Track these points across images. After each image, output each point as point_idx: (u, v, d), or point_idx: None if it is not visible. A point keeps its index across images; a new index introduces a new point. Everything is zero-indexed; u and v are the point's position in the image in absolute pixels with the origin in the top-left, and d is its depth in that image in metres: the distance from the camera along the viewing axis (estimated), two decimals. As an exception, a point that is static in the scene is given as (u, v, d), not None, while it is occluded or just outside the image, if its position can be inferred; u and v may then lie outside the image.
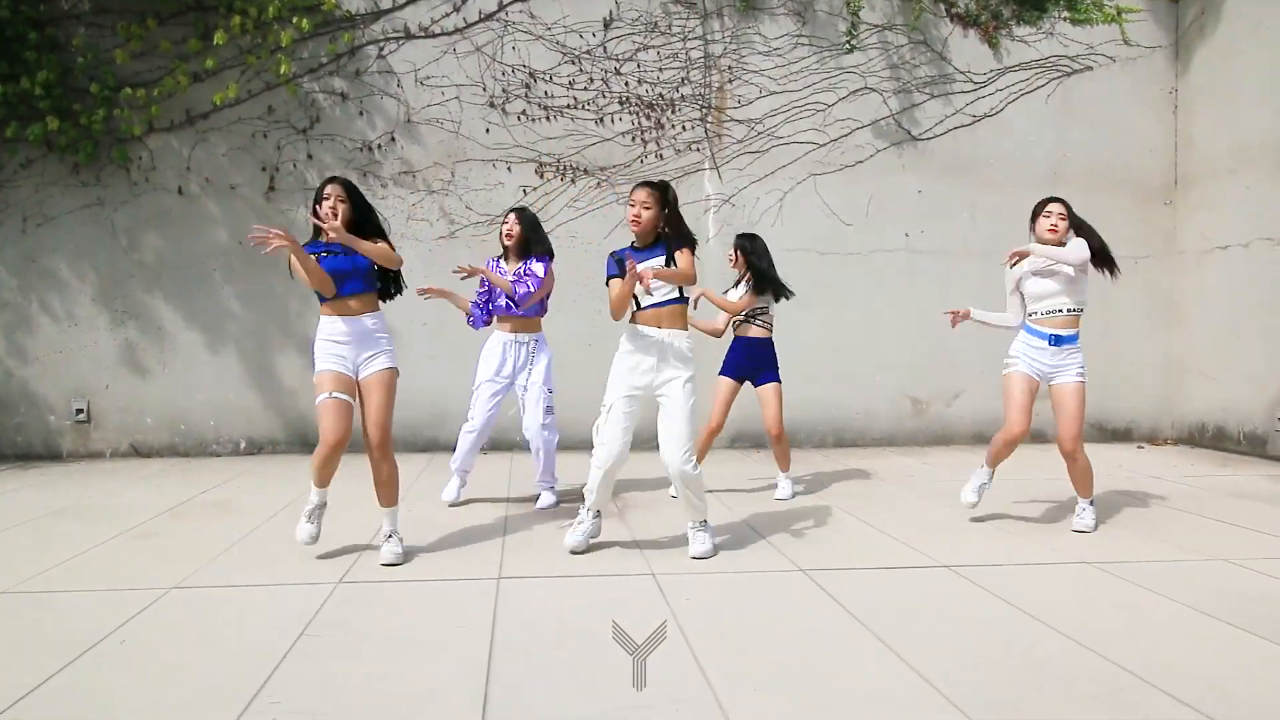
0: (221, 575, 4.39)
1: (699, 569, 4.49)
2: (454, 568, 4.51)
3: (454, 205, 8.48)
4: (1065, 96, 8.99)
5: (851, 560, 4.64)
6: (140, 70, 8.06)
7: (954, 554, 4.73)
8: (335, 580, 4.27)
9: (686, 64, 8.65)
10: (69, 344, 8.24)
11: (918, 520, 5.59)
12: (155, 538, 5.20)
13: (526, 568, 4.50)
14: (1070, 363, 5.31)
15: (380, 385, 4.70)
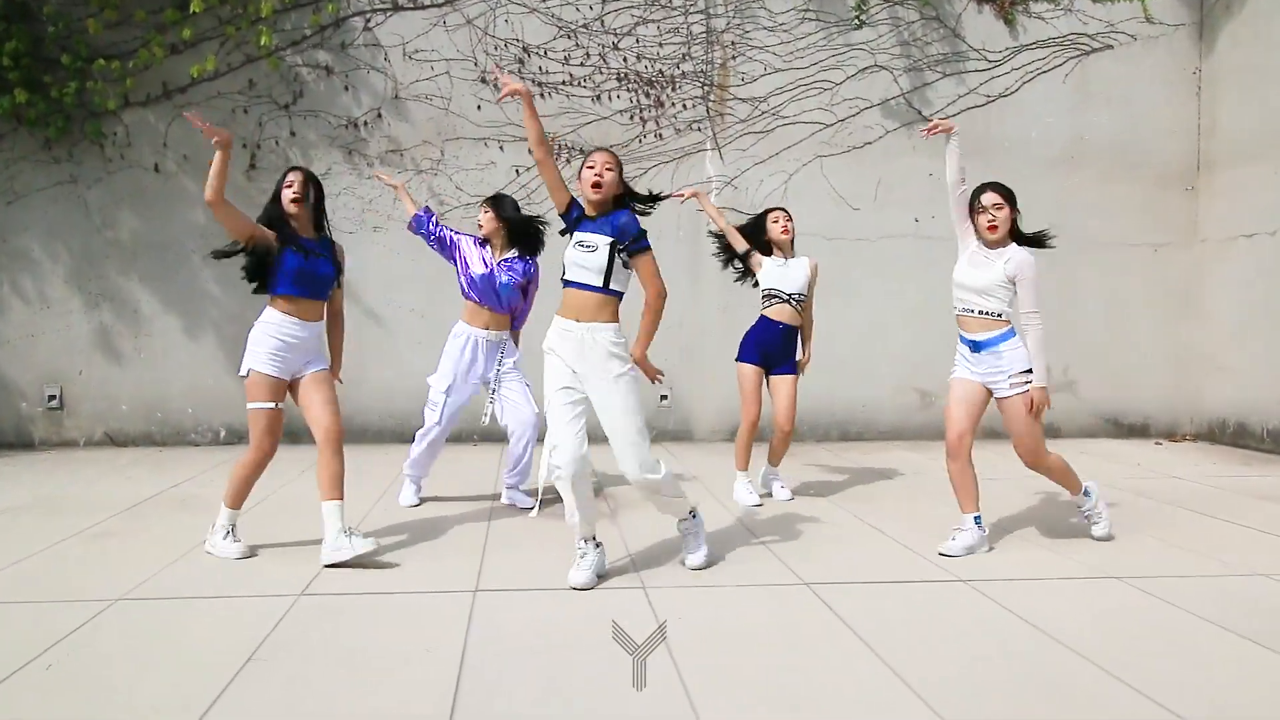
0: (175, 584, 4.05)
1: (693, 581, 4.13)
2: (427, 578, 4.14)
3: (443, 185, 8.12)
4: (1084, 76, 8.59)
5: (859, 573, 4.27)
6: (115, 41, 7.69)
7: (972, 567, 4.36)
8: (296, 592, 3.91)
9: (688, 39, 8.26)
10: (41, 327, 7.90)
11: (931, 527, 5.13)
12: (112, 538, 4.87)
13: (507, 578, 4.15)
14: (997, 372, 4.52)
15: (325, 381, 4.48)
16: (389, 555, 4.47)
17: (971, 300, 4.61)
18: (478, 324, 5.55)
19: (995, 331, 4.54)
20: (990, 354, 4.52)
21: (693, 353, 8.32)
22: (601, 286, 4.01)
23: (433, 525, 5.14)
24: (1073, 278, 8.61)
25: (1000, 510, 5.52)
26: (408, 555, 4.51)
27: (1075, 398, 8.69)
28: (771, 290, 5.81)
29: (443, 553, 4.57)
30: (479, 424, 6.14)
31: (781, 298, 5.77)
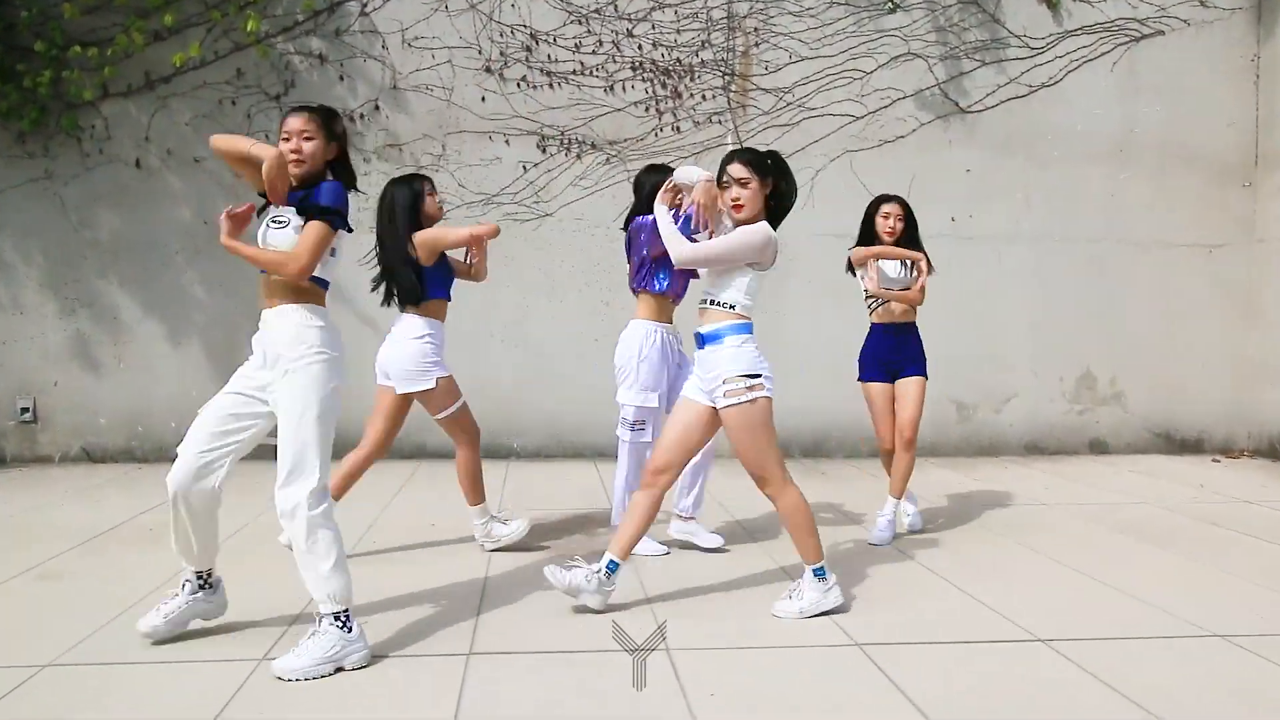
0: (116, 645, 3.42)
1: (726, 643, 3.47)
2: (413, 638, 3.50)
3: (445, 182, 7.54)
4: (1133, 64, 7.99)
5: (918, 630, 3.62)
6: (93, 27, 7.14)
7: (1048, 622, 3.71)
8: (258, 657, 3.28)
9: (707, 25, 7.69)
10: (13, 335, 7.36)
11: (994, 568, 4.52)
12: (60, 580, 4.26)
13: (507, 637, 3.52)
14: (710, 375, 3.81)
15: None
16: (369, 606, 3.78)
17: (705, 287, 3.94)
18: (663, 318, 4.78)
19: (717, 325, 3.80)
20: (712, 348, 3.79)
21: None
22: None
23: (422, 569, 4.44)
24: (1122, 280, 8.02)
25: (1077, 552, 4.86)
26: (392, 607, 3.84)
27: (1123, 410, 8.08)
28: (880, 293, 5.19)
29: (432, 605, 3.90)
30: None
31: (895, 289, 5.16)
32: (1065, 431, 8.04)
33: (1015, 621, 3.75)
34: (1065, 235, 7.91)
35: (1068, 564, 4.61)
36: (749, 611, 3.83)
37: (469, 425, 4.80)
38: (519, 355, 7.53)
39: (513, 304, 7.55)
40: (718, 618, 3.77)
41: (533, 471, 7.06)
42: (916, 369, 5.18)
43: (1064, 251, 7.94)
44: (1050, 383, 8.01)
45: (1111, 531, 5.33)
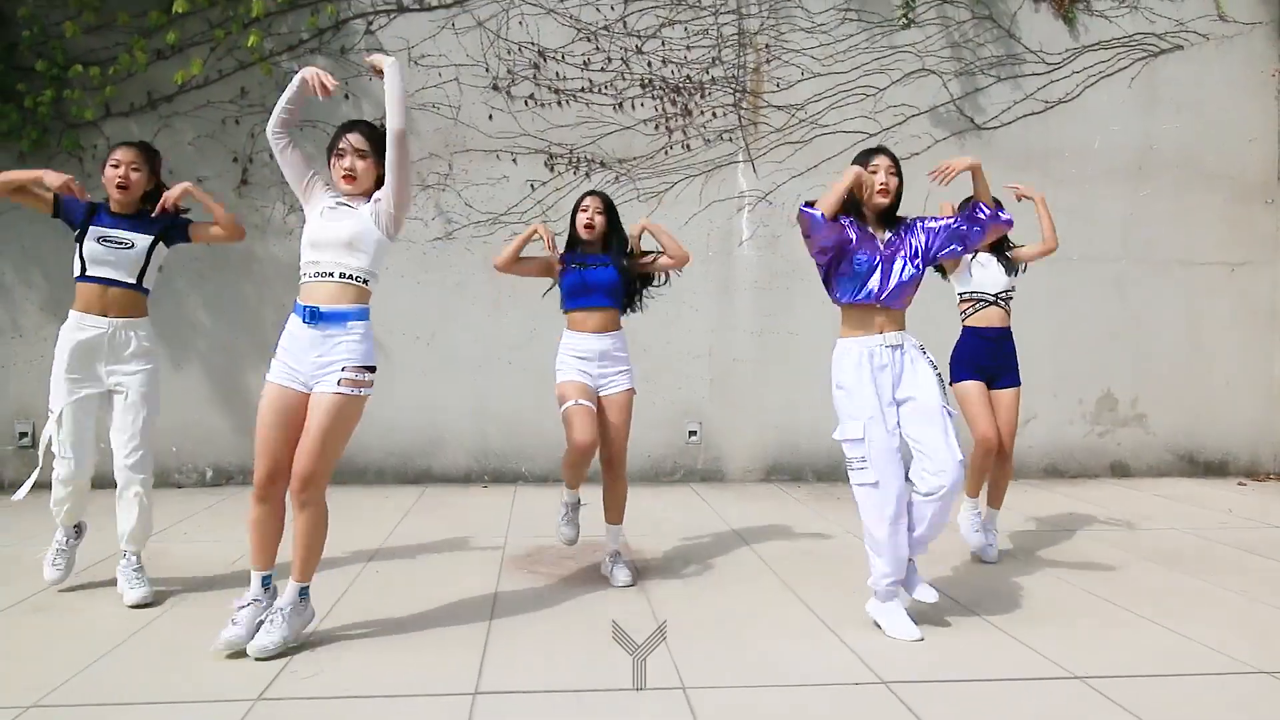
0: (104, 683, 3.27)
1: (744, 681, 3.29)
2: (418, 672, 3.36)
3: (451, 202, 7.43)
4: (1151, 80, 7.85)
5: (946, 668, 3.44)
6: (94, 46, 7.05)
7: (1086, 658, 3.53)
8: (253, 696, 3.14)
9: (718, 42, 7.57)
10: (13, 358, 7.23)
11: (1020, 600, 4.33)
12: (50, 612, 4.11)
13: (515, 675, 3.35)
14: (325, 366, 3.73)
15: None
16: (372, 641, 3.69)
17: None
18: (873, 328, 3.98)
19: (344, 304, 3.65)
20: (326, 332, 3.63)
21: (723, 383, 7.58)
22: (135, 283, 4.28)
23: (428, 599, 4.28)
24: (1142, 300, 7.86)
25: (1109, 582, 4.66)
26: (395, 641, 3.71)
27: (1145, 432, 7.90)
28: (973, 294, 5.08)
29: (437, 639, 3.75)
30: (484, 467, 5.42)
31: (987, 300, 5.04)
32: (1086, 454, 7.85)
33: (1043, 654, 3.58)
34: (1084, 254, 7.74)
35: (1100, 595, 4.43)
36: (767, 648, 3.66)
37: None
38: (526, 379, 7.36)
39: (520, 327, 7.40)
40: (734, 653, 3.60)
41: (540, 496, 6.89)
42: (1012, 379, 5.08)
43: (1083, 270, 7.77)
44: (1070, 404, 7.83)
45: (1142, 559, 5.13)
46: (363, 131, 3.78)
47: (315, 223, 3.67)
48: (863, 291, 3.89)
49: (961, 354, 5.10)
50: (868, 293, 3.89)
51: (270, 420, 3.59)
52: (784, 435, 7.63)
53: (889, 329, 3.90)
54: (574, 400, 4.49)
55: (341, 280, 3.63)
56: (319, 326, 3.60)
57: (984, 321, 5.08)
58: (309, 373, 3.63)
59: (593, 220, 4.68)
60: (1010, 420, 5.01)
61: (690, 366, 7.53)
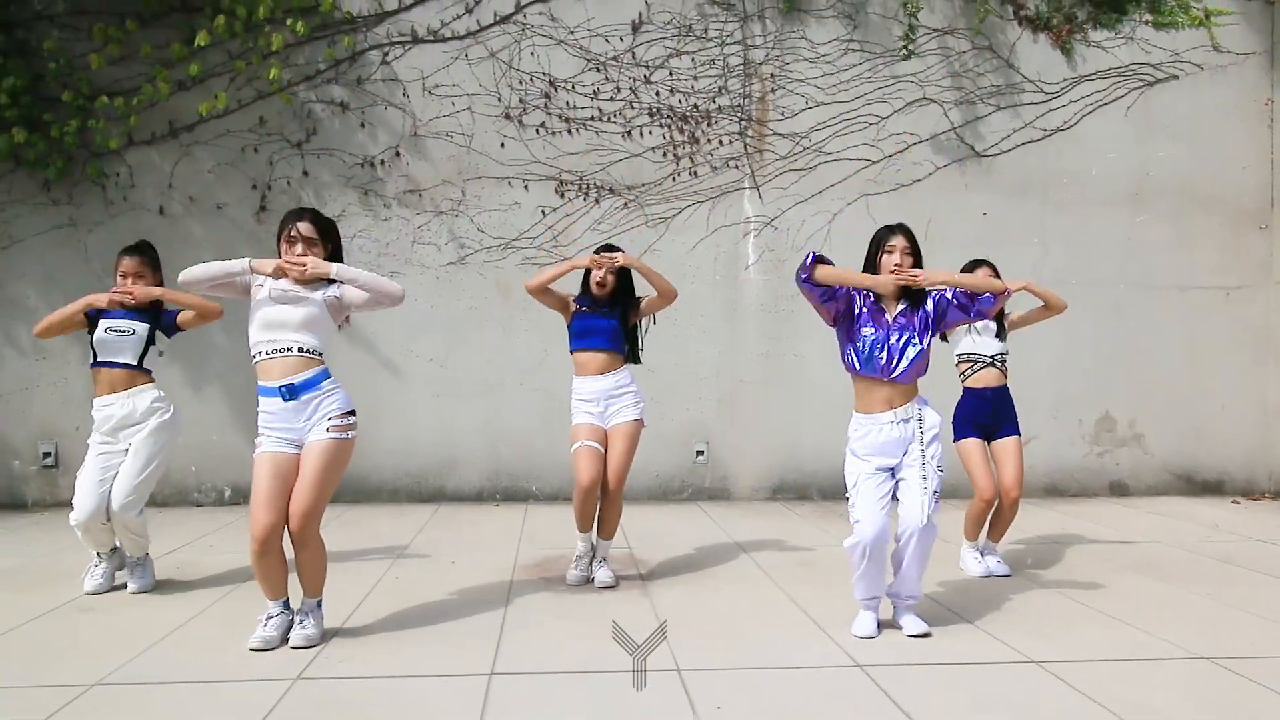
0: (158, 666, 3.65)
1: (735, 664, 3.66)
2: (438, 659, 3.72)
3: (464, 228, 7.62)
4: (1147, 108, 8.04)
5: (917, 653, 3.82)
6: (118, 77, 7.26)
7: (1042, 646, 3.90)
8: (293, 676, 3.51)
9: (724, 72, 7.77)
10: (36, 380, 7.42)
11: (993, 599, 4.67)
12: (94, 613, 4.43)
13: (527, 659, 3.72)
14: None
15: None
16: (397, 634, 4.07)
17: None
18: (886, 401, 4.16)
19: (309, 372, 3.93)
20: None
21: (731, 403, 7.74)
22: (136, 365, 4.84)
23: (445, 599, 4.66)
24: (1140, 323, 8.03)
25: (1080, 584, 4.99)
26: (416, 633, 4.08)
27: (1144, 452, 8.05)
28: (970, 355, 5.30)
29: (455, 631, 4.11)
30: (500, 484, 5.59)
31: (983, 361, 5.26)
32: (1086, 474, 8.01)
33: (1007, 643, 3.93)
34: (1082, 278, 7.91)
35: (1071, 596, 4.73)
36: (758, 638, 4.01)
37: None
38: (537, 400, 7.53)
39: (531, 349, 7.58)
40: (727, 642, 3.94)
41: (550, 514, 7.05)
42: (1011, 429, 5.27)
43: (1081, 294, 7.89)
44: (1070, 425, 7.99)
45: (1121, 568, 5.39)
46: (310, 219, 4.04)
47: (267, 307, 3.91)
48: (869, 366, 4.02)
49: (962, 413, 5.32)
50: (874, 367, 4.01)
51: (268, 483, 3.82)
52: (790, 455, 7.79)
53: (898, 403, 4.01)
54: (581, 442, 4.86)
55: (300, 355, 3.90)
56: (298, 398, 3.88)
57: (981, 382, 5.28)
58: (300, 433, 3.91)
59: (605, 280, 4.97)
60: (1017, 466, 5.19)
61: (698, 388, 7.70)
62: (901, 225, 4.12)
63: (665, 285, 4.97)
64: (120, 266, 4.89)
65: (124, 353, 4.82)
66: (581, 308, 5.04)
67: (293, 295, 3.94)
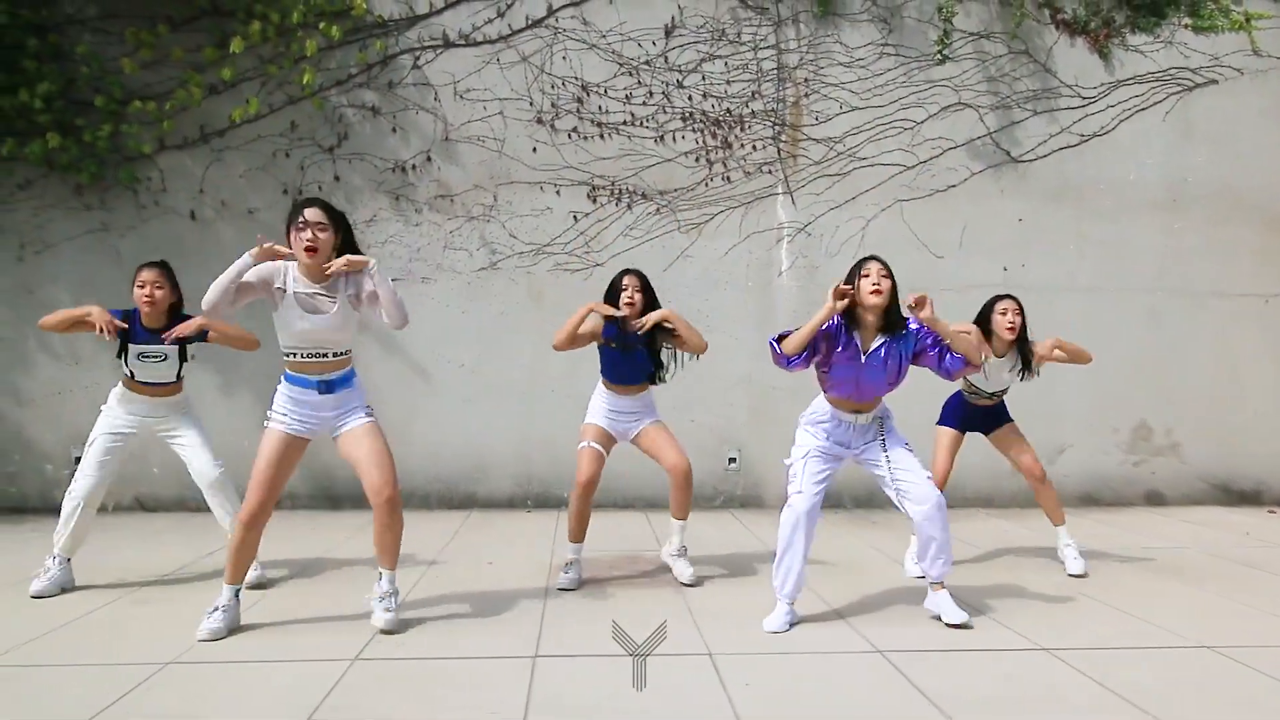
0: (224, 649, 3.95)
1: (762, 648, 3.94)
2: (485, 643, 4.02)
3: (496, 233, 7.58)
4: (1186, 113, 7.95)
5: (935, 641, 4.07)
6: (150, 82, 7.24)
7: (1053, 635, 4.17)
8: (351, 657, 3.81)
9: (757, 76, 7.71)
10: (68, 384, 7.42)
11: (1012, 594, 4.89)
12: (153, 604, 4.67)
13: (567, 644, 4.01)
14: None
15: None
16: (444, 622, 4.37)
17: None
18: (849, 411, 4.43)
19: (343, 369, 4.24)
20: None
21: (762, 411, 7.69)
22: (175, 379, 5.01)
23: (486, 592, 4.91)
24: (1177, 331, 7.94)
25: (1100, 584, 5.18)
26: (461, 623, 4.37)
27: (1180, 462, 7.97)
28: (971, 386, 5.42)
29: (498, 620, 4.41)
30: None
31: (983, 395, 5.40)
32: (1121, 483, 7.93)
33: (1020, 633, 4.19)
34: (1119, 285, 7.83)
35: (1083, 591, 4.96)
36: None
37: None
38: (569, 407, 7.47)
39: (563, 357, 7.47)
40: (755, 630, 4.22)
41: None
42: (1003, 418, 5.45)
43: (1117, 302, 7.86)
44: (1105, 434, 7.91)
45: (1145, 571, 5.51)
46: (320, 206, 4.07)
47: (295, 317, 4.00)
48: (839, 392, 4.30)
49: (951, 406, 5.50)
50: (844, 393, 4.28)
51: (273, 461, 4.06)
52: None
53: (863, 411, 4.33)
54: (587, 442, 5.07)
55: (335, 357, 4.14)
56: (335, 393, 4.15)
57: (977, 401, 5.46)
58: (327, 423, 4.18)
59: (633, 298, 5.01)
60: (1025, 447, 5.40)
61: (730, 395, 7.65)
62: (873, 256, 4.23)
63: (697, 342, 5.00)
64: (139, 278, 4.92)
65: (161, 375, 4.99)
66: (610, 341, 5.06)
67: (318, 301, 4.04)
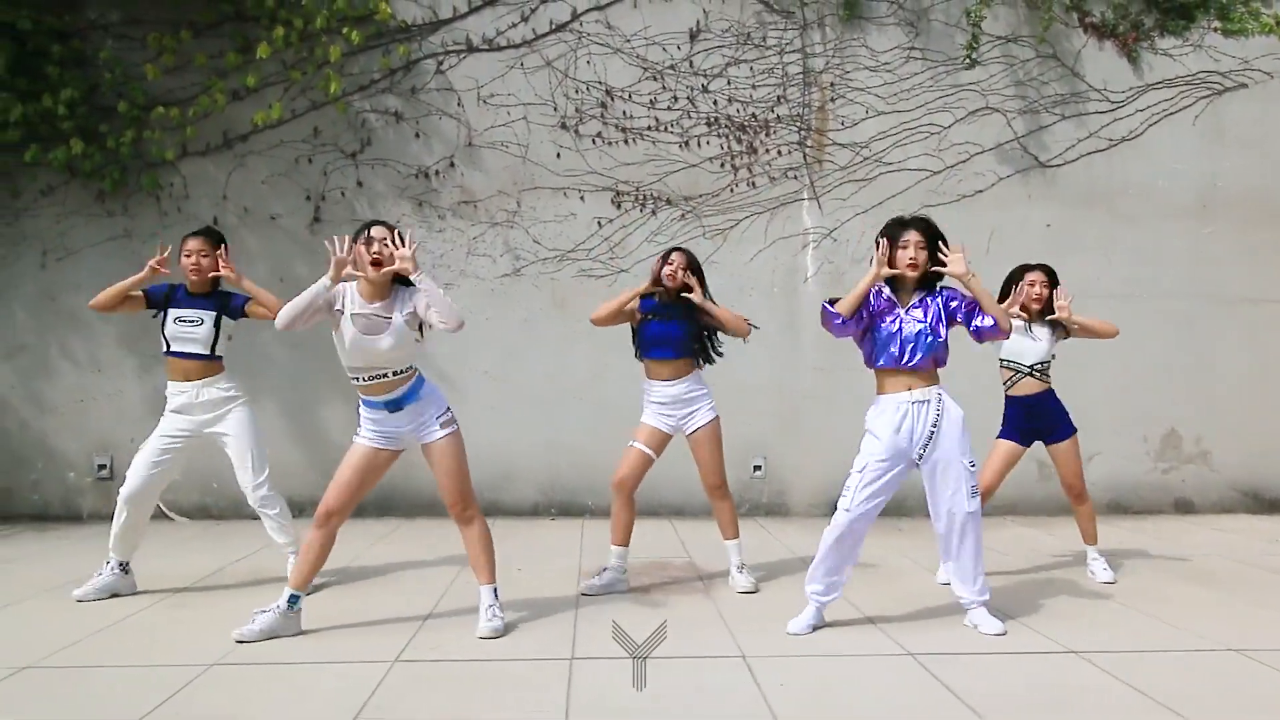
0: (265, 652, 3.99)
1: (795, 650, 4.00)
2: (521, 647, 4.08)
3: (520, 239, 7.54)
4: (1216, 117, 7.86)
5: (965, 644, 4.11)
6: (173, 87, 7.22)
7: (1080, 637, 4.19)
8: (391, 659, 3.88)
9: (783, 80, 7.64)
10: (91, 392, 7.39)
11: (1039, 599, 4.91)
12: (190, 609, 4.74)
13: (603, 647, 4.03)
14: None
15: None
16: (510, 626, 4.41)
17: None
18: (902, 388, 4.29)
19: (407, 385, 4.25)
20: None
21: (789, 419, 7.63)
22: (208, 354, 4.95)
23: (517, 598, 4.88)
24: (1207, 337, 7.86)
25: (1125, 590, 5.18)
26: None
27: (1210, 469, 7.89)
28: (1009, 363, 5.32)
29: (532, 624, 4.44)
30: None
31: (1022, 371, 5.28)
32: (1150, 490, 7.86)
33: (1048, 636, 4.21)
34: (1149, 291, 7.75)
35: (1108, 596, 5.00)
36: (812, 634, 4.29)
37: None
38: (594, 414, 7.45)
39: (588, 362, 7.48)
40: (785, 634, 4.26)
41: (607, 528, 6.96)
42: (1065, 430, 5.33)
43: (1146, 307, 7.77)
44: (1134, 441, 7.83)
45: (1172, 577, 5.49)
46: (386, 227, 4.18)
47: (354, 338, 4.06)
48: (885, 357, 4.23)
49: (1007, 417, 5.43)
50: (890, 358, 4.20)
51: (356, 468, 4.18)
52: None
53: (916, 386, 4.20)
54: (634, 442, 5.04)
55: (396, 376, 4.16)
56: (404, 408, 4.19)
57: (1022, 390, 5.33)
58: (408, 435, 4.25)
59: (676, 274, 4.95)
60: (1075, 469, 5.32)
61: (755, 402, 7.58)
62: (915, 219, 4.32)
63: (731, 320, 4.95)
64: (185, 246, 4.98)
65: (194, 344, 4.92)
66: (649, 315, 5.00)
67: (375, 322, 4.09)
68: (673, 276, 4.94)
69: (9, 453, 7.43)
